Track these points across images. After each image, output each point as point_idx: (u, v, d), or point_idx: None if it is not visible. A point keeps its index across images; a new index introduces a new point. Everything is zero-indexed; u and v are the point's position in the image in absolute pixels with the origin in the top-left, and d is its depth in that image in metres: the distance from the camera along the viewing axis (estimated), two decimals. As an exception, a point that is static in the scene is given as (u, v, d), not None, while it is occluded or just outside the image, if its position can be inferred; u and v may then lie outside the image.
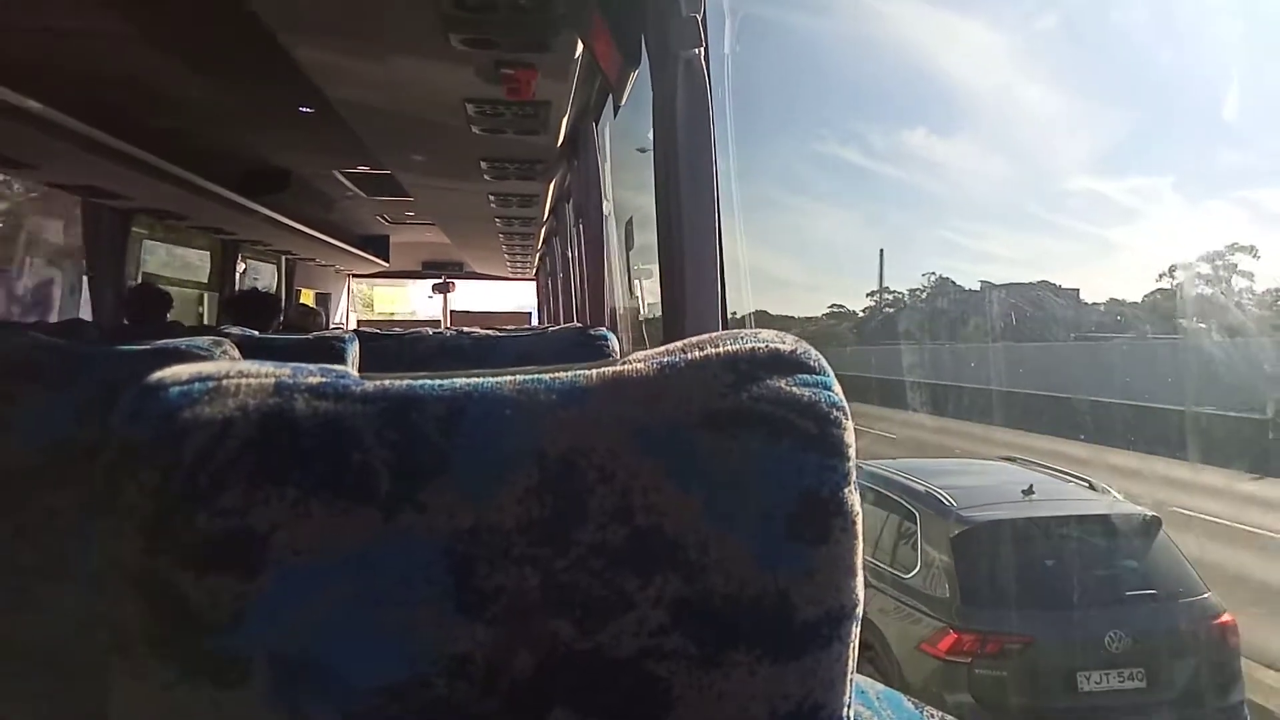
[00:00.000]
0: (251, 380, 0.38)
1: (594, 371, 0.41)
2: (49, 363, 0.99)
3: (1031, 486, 4.35)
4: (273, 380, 0.38)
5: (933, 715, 0.61)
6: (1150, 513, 4.11)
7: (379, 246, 7.83)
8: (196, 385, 0.38)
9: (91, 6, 2.56)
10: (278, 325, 3.95)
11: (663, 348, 0.43)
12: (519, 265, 8.41)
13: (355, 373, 0.40)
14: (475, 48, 2.22)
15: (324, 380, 0.39)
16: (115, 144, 3.26)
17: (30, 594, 0.98)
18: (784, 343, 0.42)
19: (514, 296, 11.08)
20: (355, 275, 9.46)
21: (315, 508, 0.37)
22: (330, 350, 1.54)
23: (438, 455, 0.38)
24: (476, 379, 0.40)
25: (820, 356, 0.43)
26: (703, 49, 1.57)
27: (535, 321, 9.42)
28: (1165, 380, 8.76)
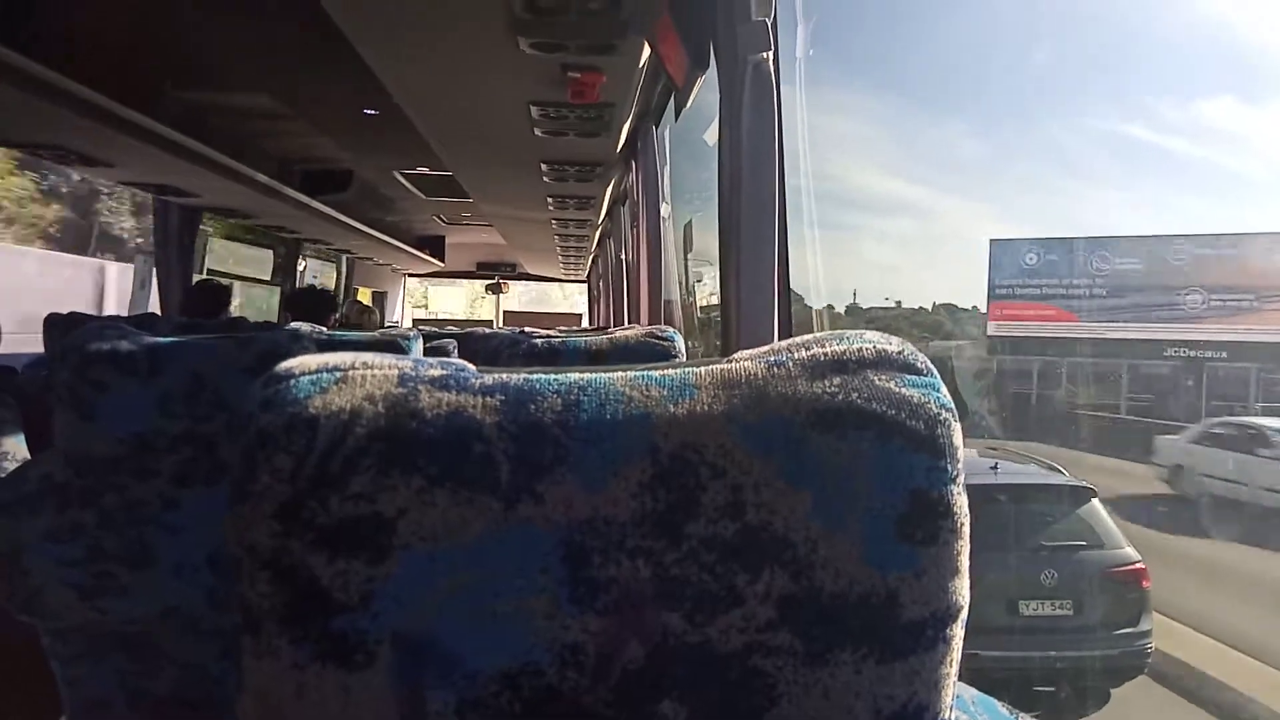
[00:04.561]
0: (376, 371, 0.39)
1: (703, 369, 0.41)
2: (138, 354, 1.02)
3: (996, 464, 5.75)
4: (396, 372, 0.39)
5: None
6: (1086, 483, 5.43)
7: (435, 246, 7.96)
8: (325, 375, 0.39)
9: (167, 8, 2.64)
10: (335, 322, 4.02)
11: (767, 347, 0.43)
12: (572, 267, 8.47)
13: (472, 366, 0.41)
14: (543, 51, 2.23)
15: (445, 372, 0.39)
16: (187, 143, 3.35)
17: (115, 579, 1.01)
18: (890, 344, 0.42)
19: (553, 299, 11.17)
20: (411, 275, 9.61)
21: (439, 496, 0.37)
22: (395, 347, 1.56)
23: (556, 447, 0.38)
24: (590, 374, 0.40)
25: (927, 359, 0.42)
26: (772, 53, 1.57)
27: (586, 323, 9.46)
28: None
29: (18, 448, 1.48)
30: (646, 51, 2.27)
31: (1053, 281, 14.97)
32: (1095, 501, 5.28)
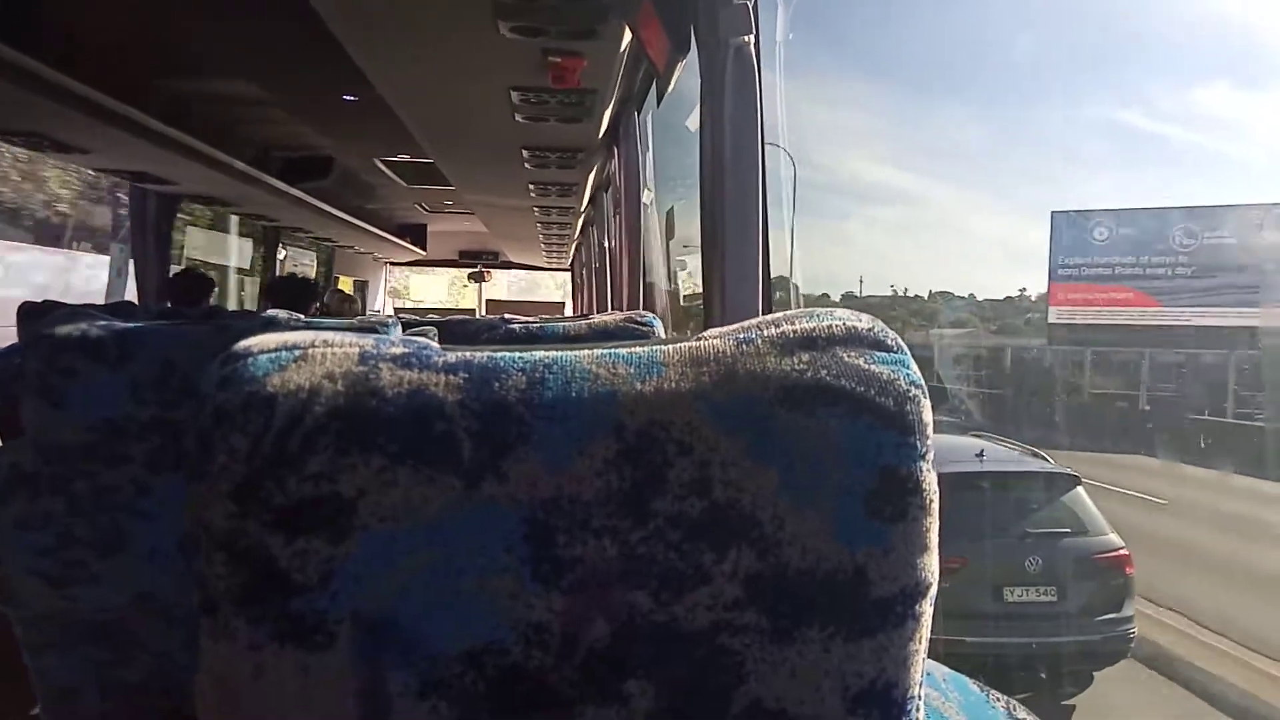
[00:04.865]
0: (336, 349, 0.39)
1: (670, 346, 0.41)
2: (108, 340, 1.01)
3: (983, 451, 5.76)
4: (357, 350, 0.39)
5: (998, 699, 0.61)
6: (1070, 471, 5.48)
7: (417, 235, 7.90)
8: (284, 353, 0.38)
9: None
10: (316, 310, 4.00)
11: (738, 324, 0.43)
12: (555, 255, 8.44)
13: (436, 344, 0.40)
14: (524, 35, 2.21)
15: (407, 350, 0.39)
16: (165, 130, 3.30)
17: (87, 568, 1.00)
18: (860, 320, 0.42)
19: (545, 288, 11.13)
20: (392, 263, 9.55)
21: (400, 475, 0.37)
22: (374, 333, 1.55)
23: (519, 425, 0.38)
24: (555, 352, 0.40)
25: (897, 336, 0.42)
26: (753, 36, 1.57)
27: (569, 311, 9.44)
28: None
29: None
30: (628, 36, 2.26)
31: (1128, 260, 13.31)
32: (1079, 489, 5.33)
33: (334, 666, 0.37)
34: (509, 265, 9.75)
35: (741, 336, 0.41)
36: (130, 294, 4.55)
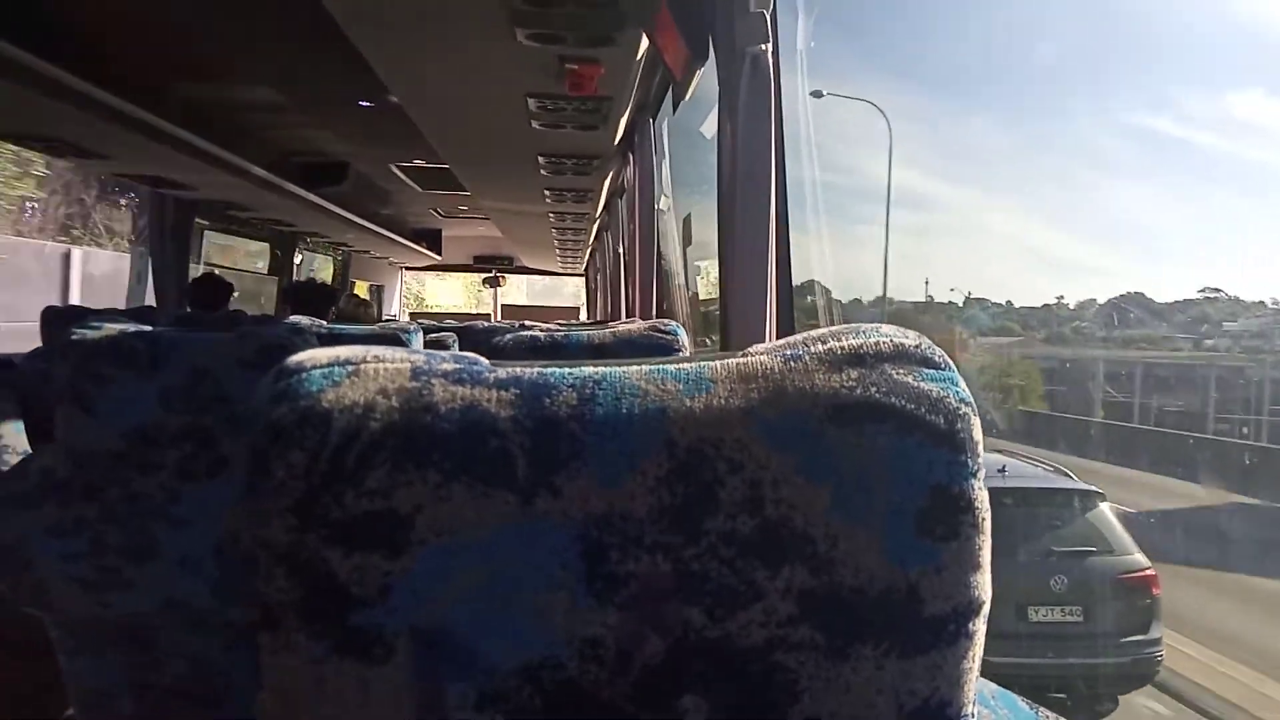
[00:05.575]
0: (389, 365, 0.39)
1: (719, 363, 0.41)
2: (139, 347, 1.02)
3: (1004, 467, 5.43)
4: (409, 365, 0.39)
5: (1048, 716, 0.60)
6: (1094, 488, 5.22)
7: (432, 240, 7.94)
8: (336, 369, 0.38)
9: (163, 1, 2.63)
10: (332, 316, 4.02)
11: (784, 340, 0.43)
12: (569, 260, 8.46)
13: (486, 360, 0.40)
14: (541, 43, 2.22)
15: (458, 366, 0.39)
16: (184, 136, 3.34)
17: (120, 574, 1.01)
18: (908, 338, 0.42)
19: (564, 293, 11.14)
20: (408, 268, 9.60)
21: (456, 491, 0.37)
22: (396, 341, 1.55)
23: (571, 442, 0.38)
24: (605, 368, 0.40)
25: (945, 353, 0.42)
26: (771, 44, 1.56)
27: (583, 316, 9.46)
28: None
29: (18, 440, 1.47)
30: (644, 43, 2.27)
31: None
32: (1104, 506, 5.15)
33: (393, 680, 0.37)
34: (523, 270, 9.78)
35: (789, 353, 0.41)
36: (148, 298, 4.60)
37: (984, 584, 0.42)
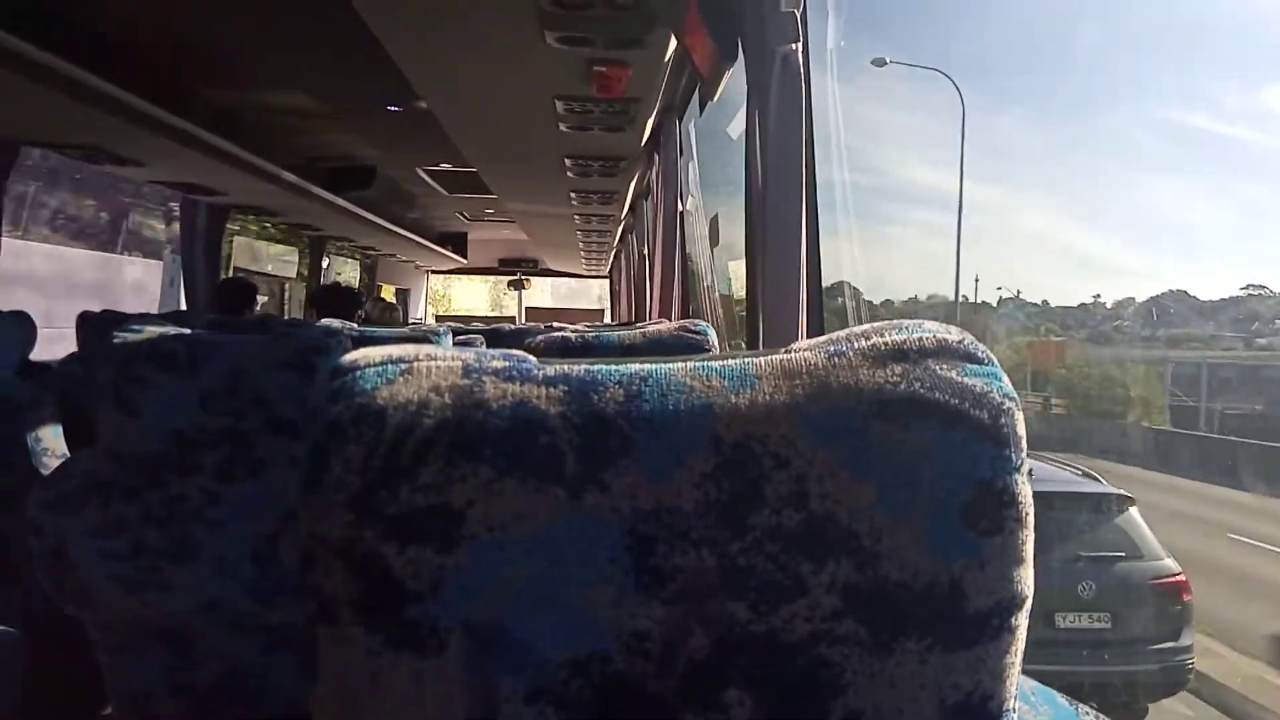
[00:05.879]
0: (440, 363, 0.39)
1: (762, 359, 0.41)
2: (178, 350, 1.03)
3: (1031, 470, 5.18)
4: (460, 364, 0.39)
5: (1087, 713, 0.60)
6: (1123, 492, 5.10)
7: (457, 243, 8.00)
8: (390, 367, 0.39)
9: (196, 8, 2.66)
10: (359, 319, 4.05)
11: (826, 337, 0.43)
12: (594, 262, 8.49)
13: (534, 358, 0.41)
14: (570, 45, 2.23)
15: (508, 364, 0.40)
16: (216, 141, 3.38)
17: (160, 573, 1.02)
18: (950, 333, 0.42)
19: (591, 295, 11.16)
20: (434, 271, 9.66)
21: (507, 486, 0.38)
22: (426, 343, 1.56)
23: (619, 437, 0.38)
24: (650, 365, 0.40)
25: (987, 348, 0.42)
26: (801, 44, 1.55)
27: (608, 318, 9.48)
28: None
29: (57, 443, 1.50)
30: (673, 44, 2.26)
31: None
32: (1133, 510, 5.06)
33: (445, 673, 0.38)
34: (548, 273, 9.81)
35: (832, 349, 0.41)
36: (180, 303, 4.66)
37: (1027, 579, 0.42)
